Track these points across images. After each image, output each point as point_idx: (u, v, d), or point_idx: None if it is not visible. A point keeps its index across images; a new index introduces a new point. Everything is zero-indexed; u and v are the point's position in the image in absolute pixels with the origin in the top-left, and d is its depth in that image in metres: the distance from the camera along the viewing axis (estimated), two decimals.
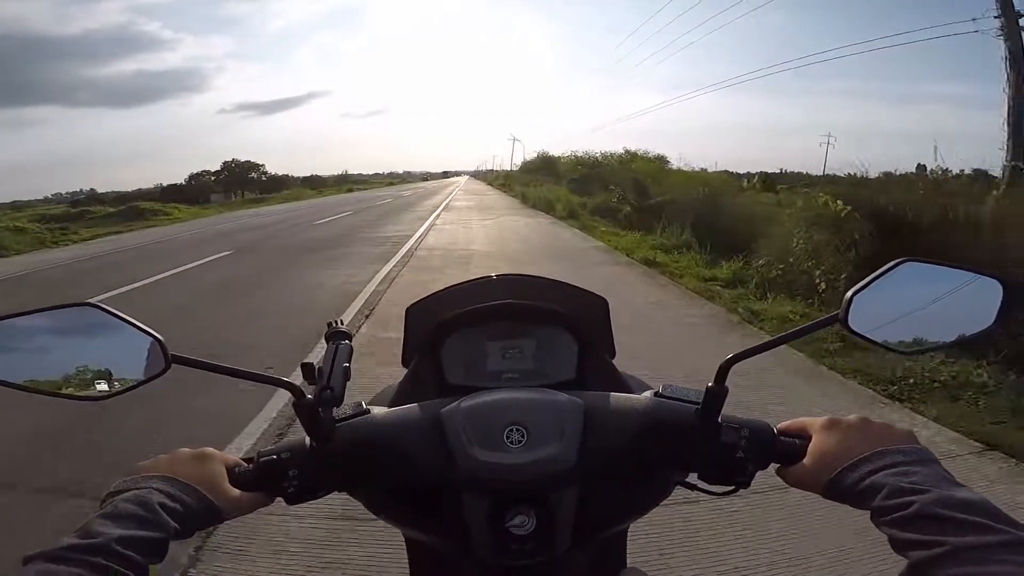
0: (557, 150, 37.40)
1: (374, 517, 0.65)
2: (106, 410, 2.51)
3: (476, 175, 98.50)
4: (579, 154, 27.14)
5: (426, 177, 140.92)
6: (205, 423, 2.93)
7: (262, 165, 67.11)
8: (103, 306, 0.52)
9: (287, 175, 70.04)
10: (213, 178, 61.18)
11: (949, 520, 0.40)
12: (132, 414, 2.85)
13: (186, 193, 45.55)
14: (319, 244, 10.64)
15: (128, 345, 0.53)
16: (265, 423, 2.91)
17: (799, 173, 17.70)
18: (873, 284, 0.53)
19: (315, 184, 64.22)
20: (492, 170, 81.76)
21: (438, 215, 16.31)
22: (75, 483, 2.38)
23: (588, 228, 11.46)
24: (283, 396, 2.96)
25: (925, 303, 0.55)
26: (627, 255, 8.07)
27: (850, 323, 0.53)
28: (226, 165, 65.05)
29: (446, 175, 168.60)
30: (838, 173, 7.39)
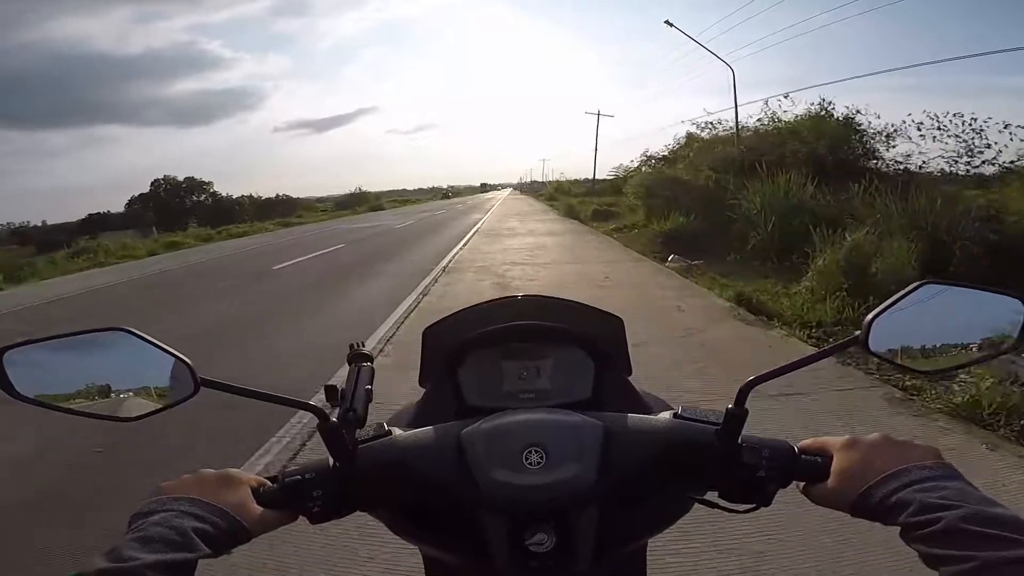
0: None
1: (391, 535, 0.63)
2: None
3: (521, 187, 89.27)
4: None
5: (447, 194, 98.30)
6: None
7: (209, 184, 49.96)
8: (134, 331, 0.53)
9: (244, 196, 51.18)
10: (139, 205, 46.42)
11: (979, 535, 0.40)
12: None
13: (112, 224, 39.92)
14: None
15: (158, 368, 0.54)
16: None
17: None
18: (893, 307, 0.53)
19: (266, 213, 41.27)
20: (536, 181, 71.35)
21: None
22: None
23: None
24: None
25: (946, 324, 0.56)
26: None
27: (870, 346, 0.54)
28: (156, 185, 48.61)
29: (484, 189, 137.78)
30: None
